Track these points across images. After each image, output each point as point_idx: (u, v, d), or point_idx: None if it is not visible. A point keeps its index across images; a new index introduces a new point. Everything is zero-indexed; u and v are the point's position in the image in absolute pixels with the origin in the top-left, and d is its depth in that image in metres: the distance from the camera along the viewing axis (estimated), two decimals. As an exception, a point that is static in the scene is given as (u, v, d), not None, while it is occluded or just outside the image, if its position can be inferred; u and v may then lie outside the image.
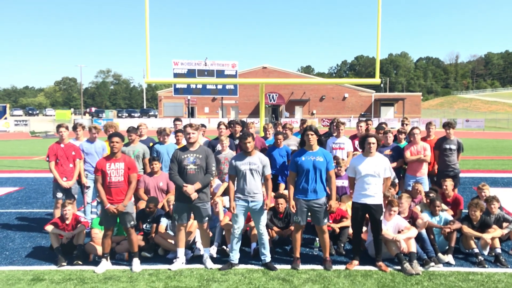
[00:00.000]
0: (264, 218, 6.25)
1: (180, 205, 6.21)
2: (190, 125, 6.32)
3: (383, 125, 9.03)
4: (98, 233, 6.58)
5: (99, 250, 6.39)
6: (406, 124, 9.34)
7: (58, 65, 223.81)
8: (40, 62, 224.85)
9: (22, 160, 19.22)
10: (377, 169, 6.15)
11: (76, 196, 7.85)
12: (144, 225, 7.05)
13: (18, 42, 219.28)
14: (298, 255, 6.29)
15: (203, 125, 9.66)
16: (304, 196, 6.11)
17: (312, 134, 6.11)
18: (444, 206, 7.28)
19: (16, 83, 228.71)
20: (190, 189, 6.05)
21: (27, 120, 48.54)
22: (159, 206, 7.44)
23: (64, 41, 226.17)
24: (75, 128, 8.41)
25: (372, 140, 6.21)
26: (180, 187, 6.10)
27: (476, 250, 6.47)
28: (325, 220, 6.21)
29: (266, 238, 6.25)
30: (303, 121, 9.98)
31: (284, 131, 8.89)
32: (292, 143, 8.73)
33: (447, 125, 8.30)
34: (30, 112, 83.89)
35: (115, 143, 6.07)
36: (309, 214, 6.22)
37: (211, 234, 6.84)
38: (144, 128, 8.88)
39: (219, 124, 8.95)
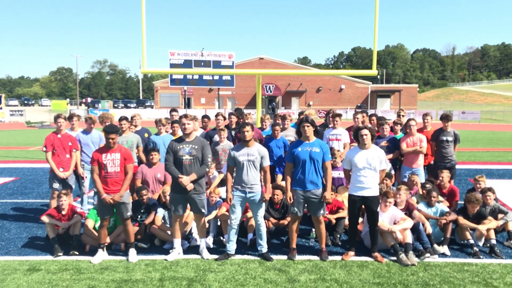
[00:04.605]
0: (262, 209, 6.26)
1: (176, 196, 6.20)
2: (185, 116, 6.26)
3: (373, 117, 9.03)
4: (89, 224, 6.61)
5: (90, 241, 6.45)
6: (402, 116, 9.35)
7: (54, 55, 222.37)
8: (35, 52, 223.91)
9: (18, 150, 19.13)
10: (373, 162, 6.13)
11: (73, 186, 7.84)
12: (139, 216, 7.03)
13: (13, 31, 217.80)
14: (294, 245, 6.31)
15: (206, 117, 9.52)
16: (301, 187, 6.10)
17: (308, 126, 6.09)
18: (440, 198, 7.31)
19: (12, 73, 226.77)
20: (185, 180, 6.03)
21: (22, 110, 48.22)
22: (155, 196, 7.43)
23: (60, 31, 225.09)
24: (70, 118, 8.35)
25: (365, 132, 6.16)
26: (175, 178, 6.09)
27: (472, 241, 6.51)
28: (322, 211, 6.21)
29: (263, 229, 6.26)
30: (300, 113, 9.84)
31: (284, 123, 8.83)
32: (290, 133, 8.69)
33: (445, 118, 8.29)
34: (25, 102, 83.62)
35: (111, 139, 6.05)
36: (306, 205, 6.22)
37: (207, 225, 6.85)
38: (138, 118, 8.86)
39: (217, 115, 8.89)
